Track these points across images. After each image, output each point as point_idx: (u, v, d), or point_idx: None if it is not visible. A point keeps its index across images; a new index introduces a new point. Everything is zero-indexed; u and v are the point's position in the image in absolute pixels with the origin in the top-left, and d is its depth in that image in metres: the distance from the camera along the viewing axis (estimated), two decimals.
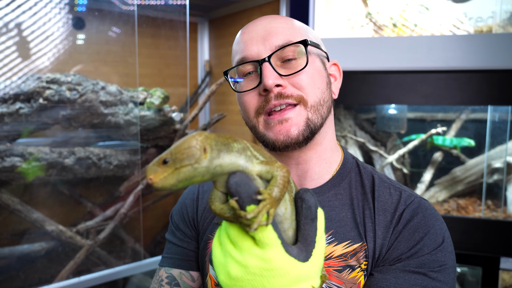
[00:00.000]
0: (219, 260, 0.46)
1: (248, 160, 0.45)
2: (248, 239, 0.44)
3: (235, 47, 0.77)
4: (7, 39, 1.67)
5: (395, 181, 0.78)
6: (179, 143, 0.42)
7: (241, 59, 0.73)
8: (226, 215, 0.44)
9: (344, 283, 0.69)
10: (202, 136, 0.43)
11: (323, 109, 0.73)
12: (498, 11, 1.85)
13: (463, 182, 1.92)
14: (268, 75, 0.69)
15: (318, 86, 0.72)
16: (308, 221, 0.48)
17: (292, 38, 0.72)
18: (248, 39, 0.73)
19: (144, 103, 2.07)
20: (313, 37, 0.78)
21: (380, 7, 2.03)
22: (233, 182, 0.43)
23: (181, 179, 0.41)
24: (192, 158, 0.41)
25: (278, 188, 0.44)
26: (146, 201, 2.28)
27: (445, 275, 0.66)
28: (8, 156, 1.68)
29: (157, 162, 0.42)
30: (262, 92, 0.70)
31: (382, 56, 1.70)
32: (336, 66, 0.82)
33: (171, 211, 0.91)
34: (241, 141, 0.46)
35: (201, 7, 2.59)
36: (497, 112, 1.80)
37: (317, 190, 0.76)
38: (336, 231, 0.72)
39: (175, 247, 0.85)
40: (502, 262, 1.62)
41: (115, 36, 2.06)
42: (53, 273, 1.87)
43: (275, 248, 0.44)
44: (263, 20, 0.75)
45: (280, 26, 0.73)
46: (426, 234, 0.69)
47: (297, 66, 0.71)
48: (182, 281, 0.82)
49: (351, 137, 2.07)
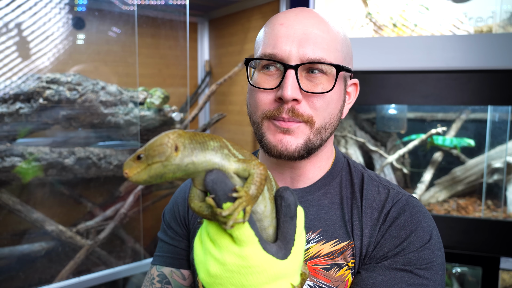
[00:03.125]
0: (199, 258, 0.47)
1: (224, 158, 0.46)
2: (226, 237, 0.44)
3: (267, 35, 0.72)
4: (7, 39, 1.67)
5: (385, 179, 0.78)
6: (153, 140, 0.43)
7: (270, 55, 0.69)
8: (204, 213, 0.45)
9: (331, 281, 0.70)
10: (175, 134, 0.44)
11: (326, 132, 0.72)
12: (498, 11, 1.85)
13: (463, 182, 1.92)
14: (289, 86, 0.66)
15: (330, 111, 0.71)
16: (288, 219, 0.49)
17: (327, 53, 0.69)
18: (284, 36, 0.69)
19: (144, 103, 2.07)
20: (347, 53, 0.74)
21: (380, 7, 2.03)
22: (209, 180, 0.43)
23: (152, 175, 0.43)
24: (162, 155, 0.42)
25: (254, 185, 0.44)
26: (146, 201, 2.28)
27: (432, 273, 0.66)
28: (8, 156, 1.68)
29: (133, 157, 0.43)
30: (277, 99, 0.69)
31: (382, 56, 1.70)
32: (355, 86, 0.80)
33: (164, 210, 0.91)
34: (219, 140, 0.46)
35: (201, 7, 2.59)
36: (497, 112, 1.80)
37: (307, 189, 0.77)
38: (324, 229, 0.72)
39: (167, 246, 0.86)
40: (502, 262, 1.62)
41: (115, 36, 2.06)
42: (53, 273, 1.87)
43: (252, 245, 0.44)
44: (305, 18, 0.71)
45: (321, 35, 0.69)
46: (413, 231, 0.68)
47: (320, 83, 0.69)
48: (173, 279, 0.82)
49: (351, 137, 2.07)
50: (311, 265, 0.71)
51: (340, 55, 0.71)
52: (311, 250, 0.72)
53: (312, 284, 0.70)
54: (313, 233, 0.73)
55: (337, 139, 2.08)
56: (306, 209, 0.75)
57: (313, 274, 0.71)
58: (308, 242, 0.72)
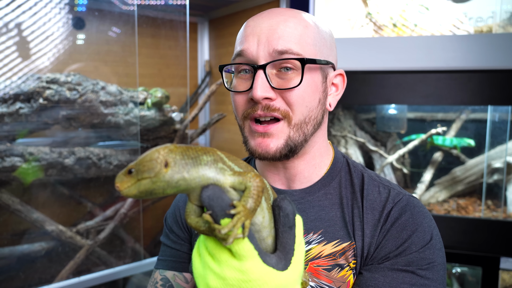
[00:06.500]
0: (198, 271, 0.46)
1: (219, 172, 0.44)
2: (225, 251, 0.44)
3: (238, 37, 0.74)
4: (7, 39, 1.67)
5: (385, 179, 0.78)
6: (144, 154, 0.42)
7: (240, 52, 0.71)
8: (201, 228, 0.44)
9: (333, 282, 0.70)
10: (166, 149, 0.42)
11: (307, 127, 0.71)
12: (498, 11, 1.85)
13: (463, 182, 1.92)
14: (258, 86, 0.67)
15: (307, 104, 0.70)
16: (286, 229, 0.48)
17: (295, 46, 0.68)
18: (251, 35, 0.70)
19: (144, 103, 2.07)
20: (323, 45, 0.73)
21: (380, 7, 2.03)
22: (205, 196, 0.42)
23: (142, 190, 0.42)
24: (151, 171, 0.41)
25: (252, 199, 0.43)
26: (146, 201, 2.28)
27: (433, 273, 0.66)
28: (8, 156, 1.68)
29: (124, 171, 0.42)
30: (250, 99, 0.70)
31: (382, 56, 1.70)
32: (341, 76, 0.78)
33: (165, 214, 0.91)
34: (213, 153, 0.45)
35: (201, 7, 2.59)
36: (497, 112, 1.80)
37: (307, 190, 0.76)
38: (325, 230, 0.72)
39: (169, 250, 0.86)
40: (502, 262, 1.62)
41: (115, 36, 2.06)
42: (53, 273, 1.88)
43: (252, 259, 0.43)
44: (272, 16, 0.71)
45: (288, 30, 0.69)
46: (414, 232, 0.69)
47: (291, 79, 0.68)
48: (176, 283, 0.82)
49: (351, 137, 2.07)
50: (312, 266, 0.71)
51: (311, 48, 0.70)
52: (312, 251, 0.72)
53: (314, 285, 0.70)
54: (314, 234, 0.73)
55: (337, 139, 2.08)
56: (307, 210, 0.75)
57: (315, 275, 0.71)
58: (310, 243, 0.72)
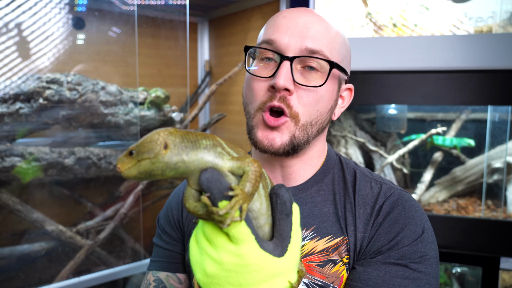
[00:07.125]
0: (195, 258, 0.46)
1: (218, 156, 0.45)
2: (222, 236, 0.44)
3: (268, 25, 0.74)
4: (7, 39, 1.67)
5: (377, 175, 0.79)
6: (145, 136, 0.44)
7: (269, 40, 0.71)
8: (199, 212, 0.45)
9: (326, 277, 0.70)
10: (166, 132, 0.43)
11: (312, 129, 0.72)
12: (498, 11, 1.85)
13: (463, 182, 1.92)
14: (283, 75, 0.67)
15: (319, 108, 0.71)
16: (283, 216, 0.49)
17: (326, 49, 0.70)
18: (285, 26, 0.70)
19: (144, 103, 2.07)
20: (345, 56, 0.75)
21: (380, 7, 2.03)
22: (204, 178, 0.43)
23: (141, 171, 0.43)
24: (151, 152, 0.42)
25: (250, 183, 0.44)
26: (146, 201, 2.28)
27: (426, 266, 0.67)
28: (8, 156, 1.68)
29: (125, 153, 0.44)
30: (270, 87, 0.70)
31: (382, 56, 1.70)
32: (350, 91, 0.81)
33: (158, 215, 0.91)
34: (212, 138, 0.46)
35: (201, 7, 2.59)
36: (497, 112, 1.80)
37: (300, 187, 0.77)
38: (318, 226, 0.73)
39: (162, 250, 0.86)
40: (502, 262, 1.62)
41: (115, 36, 2.06)
42: (53, 273, 1.87)
43: (249, 243, 0.44)
44: (309, 14, 0.72)
45: (322, 31, 0.70)
46: (406, 225, 0.69)
47: (314, 79, 0.70)
48: (169, 284, 0.82)
49: (351, 137, 2.07)
50: (305, 262, 0.71)
51: (337, 55, 0.72)
52: (305, 247, 0.72)
53: (308, 281, 0.70)
54: (307, 230, 0.73)
55: (337, 139, 2.08)
56: (300, 207, 0.75)
57: (308, 271, 0.71)
58: (303, 239, 0.73)
